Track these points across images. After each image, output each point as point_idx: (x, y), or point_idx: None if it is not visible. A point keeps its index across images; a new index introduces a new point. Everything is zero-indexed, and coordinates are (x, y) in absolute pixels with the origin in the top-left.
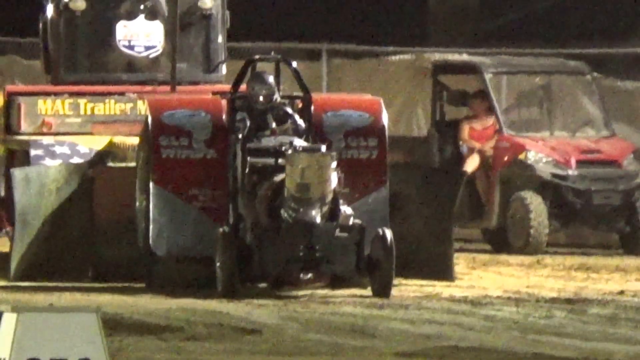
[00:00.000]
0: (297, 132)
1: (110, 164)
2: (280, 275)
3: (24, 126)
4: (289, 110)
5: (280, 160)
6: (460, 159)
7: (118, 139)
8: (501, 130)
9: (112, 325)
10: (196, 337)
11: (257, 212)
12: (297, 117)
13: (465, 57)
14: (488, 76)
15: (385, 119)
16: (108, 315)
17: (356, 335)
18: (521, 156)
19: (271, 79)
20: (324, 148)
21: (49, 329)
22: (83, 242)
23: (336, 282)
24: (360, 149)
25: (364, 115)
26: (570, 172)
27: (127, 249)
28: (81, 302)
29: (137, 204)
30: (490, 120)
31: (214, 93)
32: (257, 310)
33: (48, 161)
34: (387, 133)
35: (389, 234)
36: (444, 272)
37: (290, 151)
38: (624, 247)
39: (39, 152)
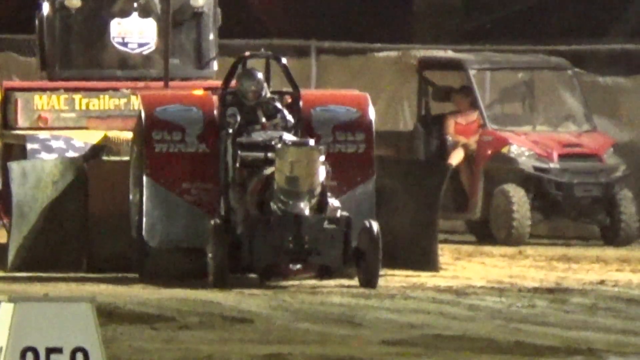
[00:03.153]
0: (286, 127)
1: (105, 157)
2: (269, 266)
3: (21, 121)
4: (279, 105)
5: (269, 154)
6: (445, 153)
7: (112, 134)
8: (485, 124)
9: (107, 314)
10: (188, 326)
11: (247, 204)
12: (286, 112)
13: (450, 53)
14: (472, 72)
15: (372, 114)
16: (102, 305)
17: (344, 325)
18: (504, 150)
19: (260, 75)
20: (312, 142)
21: (44, 318)
22: (78, 234)
23: (324, 272)
24: (348, 143)
25: (351, 110)
26: (552, 165)
27: (121, 241)
28: (76, 292)
29: (131, 197)
30: (474, 115)
31: (206, 89)
32: (248, 300)
33: (44, 155)
34: (374, 128)
35: (375, 225)
36: (429, 263)
37: (279, 145)
38: (604, 239)
39: (36, 146)
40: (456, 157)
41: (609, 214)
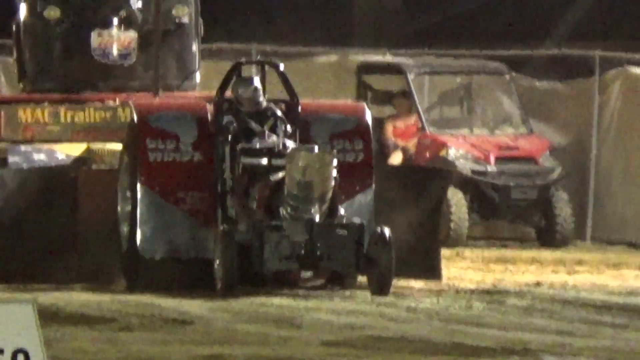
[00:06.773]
0: (285, 135)
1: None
2: (279, 273)
3: (5, 134)
4: (278, 112)
5: (274, 161)
6: (384, 155)
7: (95, 146)
8: (423, 128)
9: (48, 316)
10: (129, 328)
11: (251, 211)
12: (284, 119)
13: (389, 58)
14: (411, 76)
15: (369, 122)
16: (43, 307)
17: (283, 326)
18: (442, 153)
19: (257, 82)
20: (317, 148)
21: None
22: (66, 243)
23: (334, 279)
24: (347, 152)
25: (349, 118)
26: (489, 168)
27: (112, 250)
28: (18, 294)
29: (119, 209)
30: (412, 119)
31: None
32: (188, 302)
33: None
34: (372, 136)
35: (387, 232)
36: (432, 271)
37: (290, 149)
38: (539, 240)
39: (17, 158)
40: (395, 160)
41: (544, 215)
